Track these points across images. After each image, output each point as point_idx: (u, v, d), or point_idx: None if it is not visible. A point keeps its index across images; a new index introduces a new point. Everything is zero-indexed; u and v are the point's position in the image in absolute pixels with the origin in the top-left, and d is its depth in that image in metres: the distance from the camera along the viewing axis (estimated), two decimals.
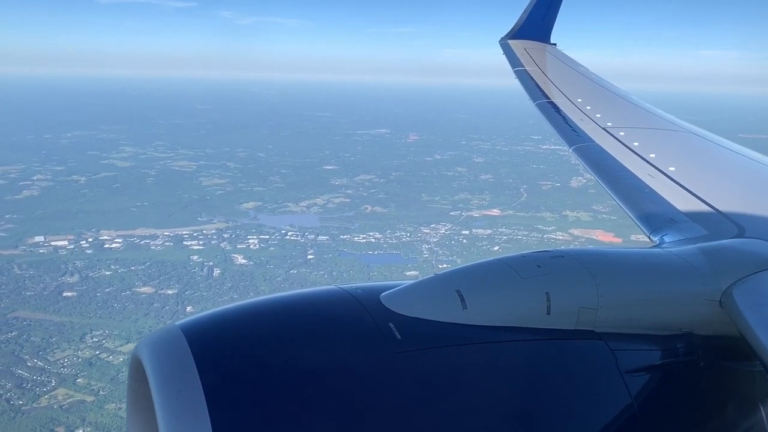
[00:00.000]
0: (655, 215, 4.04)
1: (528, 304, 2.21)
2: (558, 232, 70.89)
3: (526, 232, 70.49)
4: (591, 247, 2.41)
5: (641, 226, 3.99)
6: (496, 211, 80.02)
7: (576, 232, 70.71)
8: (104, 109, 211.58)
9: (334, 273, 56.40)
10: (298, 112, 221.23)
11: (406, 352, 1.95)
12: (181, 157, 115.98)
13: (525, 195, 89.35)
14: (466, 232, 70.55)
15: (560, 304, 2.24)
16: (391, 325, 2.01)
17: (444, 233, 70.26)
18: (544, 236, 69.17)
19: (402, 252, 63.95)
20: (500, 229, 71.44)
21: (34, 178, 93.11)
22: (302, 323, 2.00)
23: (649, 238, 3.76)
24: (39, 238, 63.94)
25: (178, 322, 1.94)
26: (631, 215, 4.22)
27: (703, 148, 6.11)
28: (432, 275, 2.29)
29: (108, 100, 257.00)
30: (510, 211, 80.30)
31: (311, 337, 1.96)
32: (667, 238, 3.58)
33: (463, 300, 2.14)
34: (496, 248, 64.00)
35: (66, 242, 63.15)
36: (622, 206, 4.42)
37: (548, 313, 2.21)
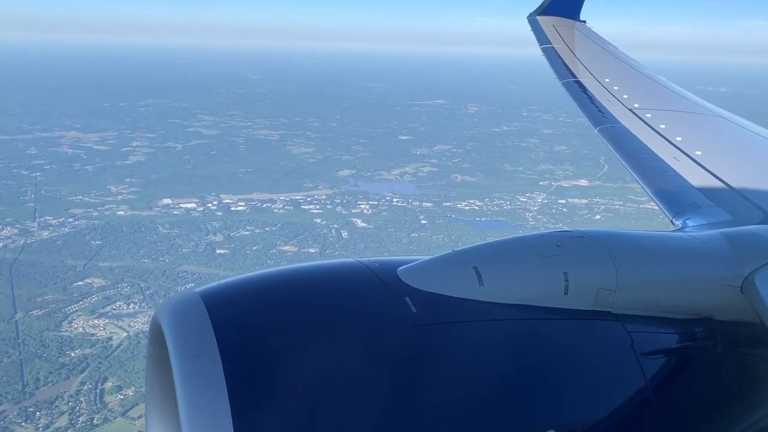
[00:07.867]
0: (678, 199, 4.01)
1: (545, 283, 2.22)
2: (652, 204, 72.79)
3: (621, 202, 73.02)
4: (612, 228, 2.58)
5: (664, 210, 3.97)
6: (584, 182, 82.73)
7: None
8: (163, 77, 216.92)
9: (452, 236, 60.01)
10: (349, 82, 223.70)
11: (421, 326, 1.98)
12: (260, 126, 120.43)
13: (606, 166, 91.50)
14: (563, 201, 73.67)
15: (578, 285, 2.24)
16: (407, 299, 2.03)
17: (542, 202, 73.43)
18: (640, 206, 71.66)
19: (508, 219, 67.25)
20: (595, 199, 74.38)
21: (133, 144, 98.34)
22: (319, 294, 2.04)
23: (671, 221, 3.77)
24: (167, 201, 68.88)
25: (197, 289, 2.01)
26: (654, 198, 4.21)
27: (731, 132, 6.05)
28: (450, 251, 2.31)
29: (161, 69, 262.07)
30: (597, 182, 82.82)
31: (327, 308, 1.99)
32: (690, 222, 3.59)
33: (480, 277, 2.15)
34: (598, 217, 67.09)
35: (194, 205, 67.92)
36: (646, 189, 4.40)
37: (566, 293, 2.22)
